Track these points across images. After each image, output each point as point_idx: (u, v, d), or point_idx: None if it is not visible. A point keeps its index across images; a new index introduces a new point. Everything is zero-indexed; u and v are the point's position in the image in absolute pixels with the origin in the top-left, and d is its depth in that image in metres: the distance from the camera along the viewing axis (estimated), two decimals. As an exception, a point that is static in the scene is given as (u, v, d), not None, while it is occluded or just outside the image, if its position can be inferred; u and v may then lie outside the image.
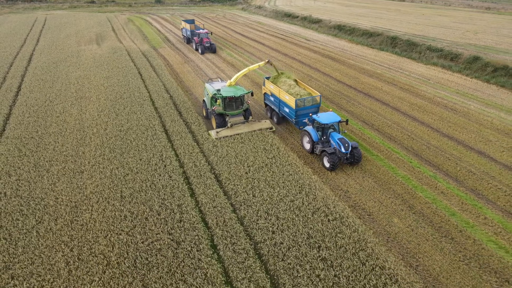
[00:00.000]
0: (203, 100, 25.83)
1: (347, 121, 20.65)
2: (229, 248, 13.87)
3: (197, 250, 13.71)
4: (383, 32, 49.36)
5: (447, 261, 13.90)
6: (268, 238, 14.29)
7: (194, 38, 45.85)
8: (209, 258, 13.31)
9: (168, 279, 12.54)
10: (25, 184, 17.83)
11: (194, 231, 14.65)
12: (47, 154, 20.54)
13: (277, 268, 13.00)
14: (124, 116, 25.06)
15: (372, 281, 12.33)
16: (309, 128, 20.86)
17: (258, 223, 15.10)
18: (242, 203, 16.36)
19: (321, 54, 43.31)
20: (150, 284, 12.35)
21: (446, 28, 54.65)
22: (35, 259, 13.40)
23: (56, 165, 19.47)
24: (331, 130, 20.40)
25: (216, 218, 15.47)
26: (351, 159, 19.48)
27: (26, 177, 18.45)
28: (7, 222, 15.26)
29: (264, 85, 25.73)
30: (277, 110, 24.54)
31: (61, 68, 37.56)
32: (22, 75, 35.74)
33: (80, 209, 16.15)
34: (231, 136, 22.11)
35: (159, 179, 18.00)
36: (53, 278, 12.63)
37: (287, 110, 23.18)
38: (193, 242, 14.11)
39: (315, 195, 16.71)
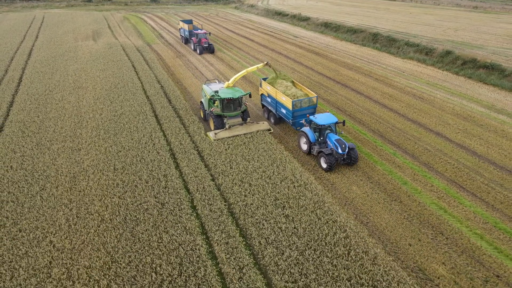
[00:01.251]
0: (201, 102, 25.92)
1: (343, 122, 20.60)
2: (206, 208, 16.19)
3: (179, 210, 16.00)
4: (366, 29, 51.80)
5: (393, 219, 16.25)
6: (240, 200, 16.60)
7: (192, 38, 45.37)
8: (189, 215, 15.61)
9: (153, 231, 14.82)
10: (28, 159, 20.06)
11: (177, 195, 16.95)
12: (48, 135, 22.76)
13: (246, 222, 15.31)
14: (118, 103, 27.31)
15: (325, 230, 14.67)
16: (306, 129, 20.94)
17: (233, 189, 17.42)
18: (220, 174, 18.69)
19: (307, 49, 45.68)
20: (138, 235, 14.62)
21: (429, 26, 57.19)
22: (39, 217, 15.64)
23: (56, 144, 21.70)
24: (328, 131, 20.56)
25: (197, 185, 17.77)
26: (347, 159, 19.75)
27: (30, 153, 20.67)
28: (14, 189, 17.48)
29: (261, 86, 25.78)
30: (274, 111, 24.67)
31: (60, 61, 39.74)
32: (22, 68, 37.89)
33: (78, 178, 18.41)
34: (229, 137, 22.24)
35: (148, 155, 20.29)
36: (55, 230, 14.89)
37: (284, 111, 23.41)
38: (176, 203, 16.40)
39: (284, 167, 19.05)
